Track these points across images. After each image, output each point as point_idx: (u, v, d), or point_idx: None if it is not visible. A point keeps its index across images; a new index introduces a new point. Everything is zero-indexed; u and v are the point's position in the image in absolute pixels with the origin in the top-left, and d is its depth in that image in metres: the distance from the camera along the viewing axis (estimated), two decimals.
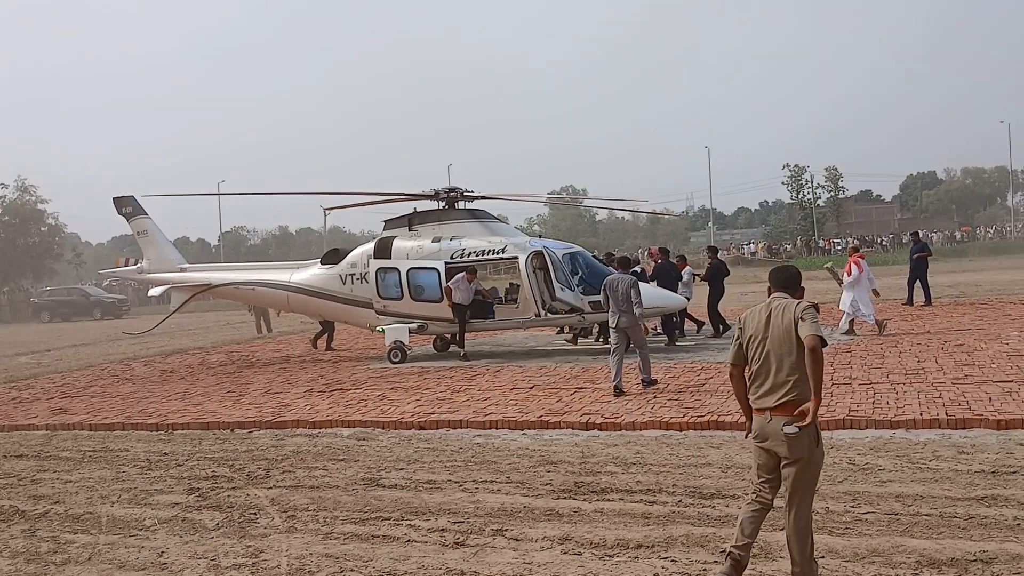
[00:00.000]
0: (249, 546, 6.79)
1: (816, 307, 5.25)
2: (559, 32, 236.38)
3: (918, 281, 22.80)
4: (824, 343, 5.07)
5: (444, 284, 17.31)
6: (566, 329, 19.92)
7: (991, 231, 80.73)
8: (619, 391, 12.10)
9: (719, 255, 20.48)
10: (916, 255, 23.06)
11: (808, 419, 5.03)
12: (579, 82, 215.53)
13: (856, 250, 18.83)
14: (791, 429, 5.05)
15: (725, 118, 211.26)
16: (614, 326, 12.50)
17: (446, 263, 17.68)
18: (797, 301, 5.28)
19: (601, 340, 17.52)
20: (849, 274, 17.36)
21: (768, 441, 5.20)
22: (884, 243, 72.85)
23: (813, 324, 5.06)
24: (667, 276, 18.31)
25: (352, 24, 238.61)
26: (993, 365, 12.50)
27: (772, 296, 5.46)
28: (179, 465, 9.84)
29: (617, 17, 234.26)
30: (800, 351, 5.08)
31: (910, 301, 22.86)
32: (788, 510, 5.16)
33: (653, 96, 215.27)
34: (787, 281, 5.47)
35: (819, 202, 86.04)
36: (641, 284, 17.73)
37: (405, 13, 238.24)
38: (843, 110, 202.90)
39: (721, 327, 18.70)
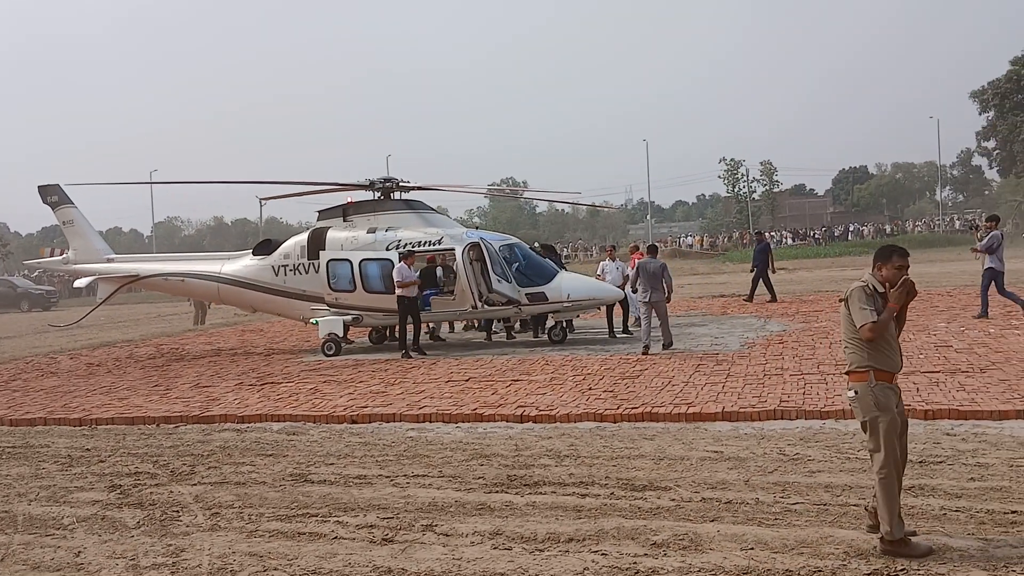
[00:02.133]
0: (170, 544, 6.57)
1: (863, 289, 5.66)
2: (499, 28, 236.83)
3: (761, 278, 23.62)
4: (873, 322, 5.55)
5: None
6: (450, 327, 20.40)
7: (920, 225, 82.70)
8: (647, 351, 14.62)
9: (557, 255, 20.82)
10: (759, 254, 24.09)
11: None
12: (521, 78, 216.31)
13: (636, 249, 19.50)
14: (850, 393, 5.73)
15: (663, 113, 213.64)
16: (645, 300, 14.88)
17: (400, 254, 17.19)
18: (855, 283, 5.73)
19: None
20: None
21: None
22: (816, 236, 74.07)
23: (860, 312, 5.57)
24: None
25: (290, 11, 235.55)
26: (921, 356, 12.72)
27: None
28: (101, 461, 9.54)
29: (557, 16, 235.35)
30: (848, 325, 5.68)
31: (751, 298, 23.74)
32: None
33: (593, 91, 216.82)
34: (874, 256, 5.86)
35: (754, 195, 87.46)
36: (585, 277, 17.98)
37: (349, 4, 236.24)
38: (779, 107, 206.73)
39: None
